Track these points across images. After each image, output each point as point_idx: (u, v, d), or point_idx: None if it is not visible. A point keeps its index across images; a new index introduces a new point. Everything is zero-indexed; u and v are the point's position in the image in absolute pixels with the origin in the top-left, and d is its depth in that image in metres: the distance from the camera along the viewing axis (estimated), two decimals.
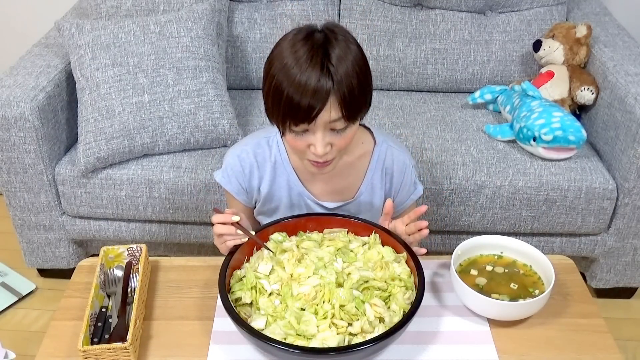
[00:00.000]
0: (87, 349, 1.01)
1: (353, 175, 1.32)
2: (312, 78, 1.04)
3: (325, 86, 1.04)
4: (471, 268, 1.18)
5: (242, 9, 2.15)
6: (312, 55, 1.05)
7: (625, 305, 2.05)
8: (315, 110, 1.05)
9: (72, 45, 1.81)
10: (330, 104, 1.06)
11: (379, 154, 1.31)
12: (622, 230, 1.86)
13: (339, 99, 1.06)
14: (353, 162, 1.30)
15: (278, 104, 1.08)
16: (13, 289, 2.06)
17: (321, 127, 1.09)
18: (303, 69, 1.04)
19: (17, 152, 1.78)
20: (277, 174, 1.31)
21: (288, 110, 1.07)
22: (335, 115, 1.07)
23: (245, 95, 2.15)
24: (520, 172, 1.78)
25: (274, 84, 1.07)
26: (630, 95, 1.76)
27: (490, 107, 2.07)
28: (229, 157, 1.32)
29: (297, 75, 1.04)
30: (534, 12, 2.16)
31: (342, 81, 1.05)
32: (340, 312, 1.02)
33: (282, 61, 1.07)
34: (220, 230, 1.14)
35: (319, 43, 1.07)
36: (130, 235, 1.94)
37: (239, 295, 1.08)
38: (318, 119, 1.06)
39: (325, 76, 1.04)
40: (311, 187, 1.32)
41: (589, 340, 1.10)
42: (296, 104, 1.05)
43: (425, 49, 2.13)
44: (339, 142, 1.13)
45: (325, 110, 1.06)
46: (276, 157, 1.30)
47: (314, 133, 1.10)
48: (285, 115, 1.08)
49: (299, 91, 1.04)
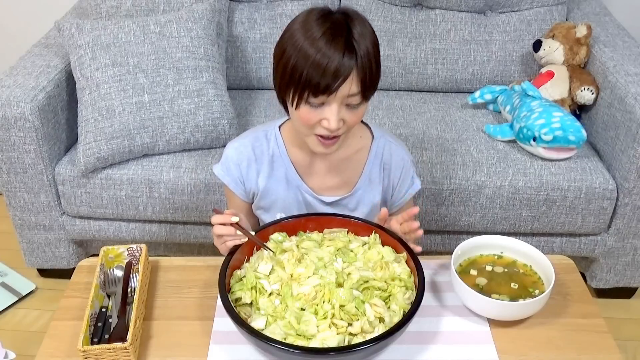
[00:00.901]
0: (87, 349, 1.01)
1: (351, 169, 1.32)
2: (338, 52, 1.07)
3: (349, 61, 1.08)
4: (471, 268, 1.18)
5: (242, 9, 2.15)
6: (337, 30, 1.09)
7: (625, 305, 2.05)
8: (337, 82, 1.08)
9: (72, 45, 1.81)
10: (352, 77, 1.09)
11: (377, 148, 1.32)
12: (622, 230, 1.86)
13: (360, 74, 1.10)
14: (351, 156, 1.31)
15: (299, 75, 1.09)
16: (13, 289, 2.06)
17: (338, 100, 1.11)
18: (329, 42, 1.07)
19: (17, 152, 1.78)
20: (274, 167, 1.31)
21: (310, 80, 1.09)
22: (354, 90, 1.11)
23: (245, 95, 2.15)
24: (520, 172, 1.78)
25: (294, 57, 1.09)
26: (630, 95, 1.76)
27: (490, 107, 2.07)
28: (228, 150, 1.34)
29: (323, 48, 1.07)
30: (534, 12, 2.16)
31: (363, 58, 1.09)
32: (340, 312, 1.02)
33: (305, 33, 1.09)
34: (220, 230, 1.15)
35: (341, 20, 1.11)
36: (130, 235, 1.94)
37: (239, 295, 1.08)
38: (339, 91, 1.09)
39: (349, 51, 1.08)
40: (309, 181, 1.32)
41: (589, 340, 1.10)
42: (320, 76, 1.08)
43: (425, 49, 2.14)
44: (351, 119, 1.15)
45: (347, 84, 1.09)
46: (274, 150, 1.31)
47: (330, 106, 1.12)
48: (306, 86, 1.10)
49: (324, 63, 1.07)
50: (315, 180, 1.32)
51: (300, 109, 1.13)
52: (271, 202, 1.35)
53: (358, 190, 1.33)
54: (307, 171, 1.32)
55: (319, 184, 1.32)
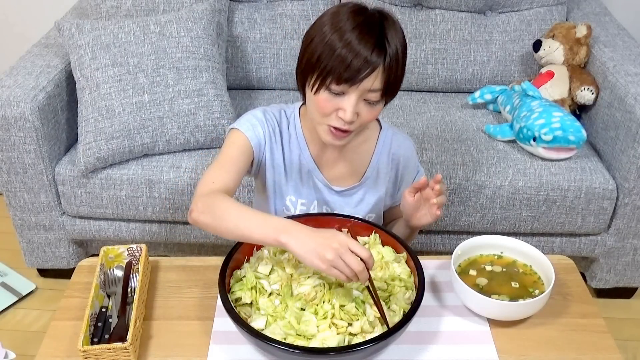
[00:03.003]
0: (87, 349, 1.01)
1: (359, 159, 1.33)
2: (369, 45, 1.08)
3: (378, 58, 1.09)
4: (471, 268, 1.18)
5: (242, 9, 2.15)
6: (371, 26, 1.10)
7: (625, 305, 2.05)
8: (363, 74, 1.09)
9: (72, 45, 1.81)
10: (377, 73, 1.10)
11: (385, 139, 1.34)
12: (622, 230, 1.86)
13: (386, 72, 1.11)
14: (359, 146, 1.32)
15: (327, 59, 1.10)
16: (13, 289, 2.06)
17: (359, 93, 1.12)
18: (362, 35, 1.09)
19: (17, 152, 1.78)
20: (291, 147, 1.31)
21: (336, 67, 1.09)
22: (377, 85, 1.11)
23: (245, 95, 2.15)
24: (520, 172, 1.78)
25: (323, 45, 1.10)
26: (630, 95, 1.76)
27: (490, 107, 2.07)
28: (256, 111, 1.29)
29: (354, 41, 1.08)
30: (534, 12, 2.17)
31: (392, 57, 1.10)
32: (340, 312, 1.02)
33: (338, 24, 1.11)
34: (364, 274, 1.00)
35: (376, 17, 1.12)
36: (130, 235, 1.94)
37: (239, 295, 1.08)
38: (362, 84, 1.10)
39: (380, 49, 1.09)
40: (321, 169, 1.33)
41: (589, 340, 1.10)
42: (346, 66, 1.08)
43: (425, 49, 2.14)
44: (365, 115, 1.16)
45: (371, 78, 1.10)
46: (292, 131, 1.31)
47: (349, 96, 1.12)
48: (331, 72, 1.10)
49: (354, 53, 1.08)
50: (325, 168, 1.33)
51: (320, 94, 1.13)
52: (285, 182, 1.33)
53: (367, 180, 1.34)
54: (319, 159, 1.32)
55: (329, 172, 1.33)
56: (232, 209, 1.10)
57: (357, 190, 1.34)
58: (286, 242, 1.01)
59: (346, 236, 1.00)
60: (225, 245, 1.93)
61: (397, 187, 1.38)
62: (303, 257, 0.99)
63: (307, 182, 1.33)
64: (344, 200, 1.34)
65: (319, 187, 1.33)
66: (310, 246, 0.99)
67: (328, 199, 1.34)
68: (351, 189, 1.34)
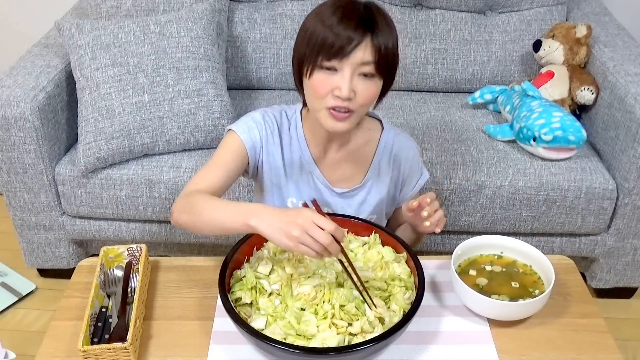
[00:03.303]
0: (87, 349, 1.01)
1: (360, 161, 1.33)
2: (355, 18, 1.10)
3: (365, 29, 1.10)
4: (471, 268, 1.18)
5: (242, 9, 2.15)
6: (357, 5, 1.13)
7: (625, 305, 2.05)
8: (351, 45, 1.09)
9: (72, 45, 1.81)
10: (365, 44, 1.10)
11: (387, 140, 1.33)
12: (622, 230, 1.86)
13: (375, 44, 1.11)
14: (360, 148, 1.32)
15: (316, 38, 1.11)
16: (13, 289, 2.06)
17: (351, 67, 1.11)
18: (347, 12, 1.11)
19: (17, 152, 1.78)
20: (292, 149, 1.31)
21: (324, 44, 1.10)
22: (368, 57, 1.11)
23: (245, 95, 2.15)
24: (520, 172, 1.78)
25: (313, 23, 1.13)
26: (630, 95, 1.76)
27: (490, 107, 2.07)
28: (254, 114, 1.30)
29: (341, 14, 1.10)
30: (534, 12, 2.17)
31: (380, 31, 1.11)
32: (340, 312, 1.02)
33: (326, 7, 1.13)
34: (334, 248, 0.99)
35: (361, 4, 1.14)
36: (130, 235, 1.94)
37: (239, 295, 1.08)
38: (351, 55, 1.10)
39: (366, 22, 1.10)
40: (322, 170, 1.33)
41: (589, 340, 1.10)
42: (334, 38, 1.09)
43: (425, 49, 2.14)
44: (363, 91, 1.14)
45: (360, 49, 1.10)
46: (293, 132, 1.31)
47: (342, 72, 1.12)
48: (321, 49, 1.11)
49: (341, 27, 1.09)
50: (327, 170, 1.33)
51: (314, 76, 1.14)
52: (285, 183, 1.33)
53: (368, 182, 1.34)
54: (320, 160, 1.32)
55: (330, 173, 1.33)
56: (207, 204, 1.13)
57: (358, 192, 1.34)
58: (255, 225, 1.02)
59: (311, 211, 1.00)
60: (225, 245, 1.93)
61: (399, 189, 1.38)
62: (272, 237, 1.00)
63: (309, 183, 1.33)
64: (346, 202, 1.34)
65: (320, 188, 1.33)
66: (277, 225, 0.99)
67: (329, 200, 1.34)
68: (352, 191, 1.34)
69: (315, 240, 0.97)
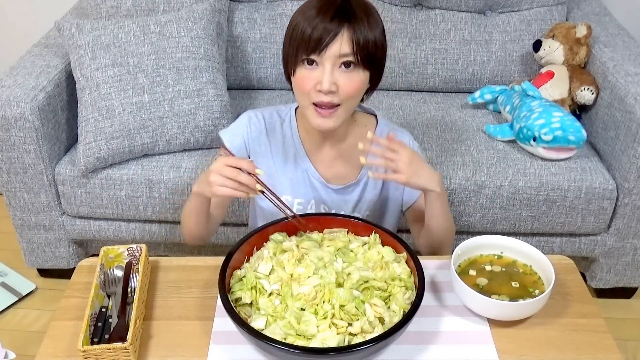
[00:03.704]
0: (87, 349, 1.01)
1: (356, 157, 1.32)
2: (330, 12, 1.11)
3: (340, 20, 1.11)
4: (471, 268, 1.18)
5: (242, 9, 2.15)
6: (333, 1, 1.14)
7: (625, 305, 2.05)
8: (327, 38, 1.11)
9: (72, 45, 1.81)
10: (343, 36, 1.12)
11: (381, 134, 1.34)
12: (622, 230, 1.86)
13: (351, 35, 1.12)
14: (355, 144, 1.31)
15: (295, 35, 1.14)
16: (13, 289, 2.06)
17: (330, 60, 1.13)
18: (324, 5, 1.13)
19: (17, 152, 1.78)
20: (286, 147, 1.32)
21: (302, 38, 1.12)
22: (346, 49, 1.12)
23: (245, 95, 2.15)
24: (520, 172, 1.78)
25: (296, 19, 1.16)
26: (630, 95, 1.76)
27: (490, 107, 2.07)
28: (241, 117, 1.35)
29: (317, 7, 1.13)
30: (534, 12, 2.17)
31: (357, 19, 1.13)
32: (340, 312, 1.02)
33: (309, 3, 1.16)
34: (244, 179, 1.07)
35: None
36: (130, 235, 1.94)
37: (239, 295, 1.08)
38: (328, 49, 1.12)
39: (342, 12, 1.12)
40: (317, 167, 1.33)
41: (589, 340, 1.10)
42: (310, 32, 1.11)
43: (425, 49, 2.14)
44: (345, 84, 1.15)
45: (337, 42, 1.11)
46: (286, 131, 1.33)
47: (322, 66, 1.14)
48: (300, 44, 1.13)
49: (316, 21, 1.11)
50: (322, 166, 1.33)
51: (297, 73, 1.16)
52: (279, 182, 1.34)
53: (363, 177, 1.34)
54: (315, 156, 1.33)
55: (325, 170, 1.34)
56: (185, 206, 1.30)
57: (354, 188, 1.34)
58: (195, 190, 1.20)
59: (223, 157, 1.10)
60: (225, 245, 1.93)
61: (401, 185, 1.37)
62: (202, 191, 1.16)
63: (304, 181, 1.33)
64: (342, 199, 1.34)
65: (316, 186, 1.33)
66: (202, 179, 1.15)
67: (325, 197, 1.34)
68: (348, 187, 1.34)
69: (227, 177, 1.07)
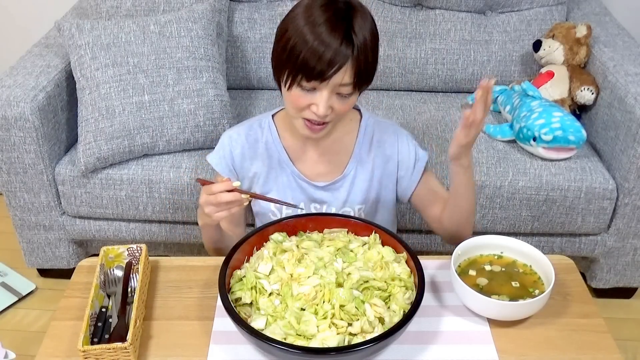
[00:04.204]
0: (87, 349, 1.01)
1: (341, 152, 1.34)
2: (336, 40, 1.09)
3: (346, 51, 1.10)
4: (471, 268, 1.18)
5: (242, 9, 2.15)
6: (338, 19, 1.11)
7: (625, 305, 2.05)
8: (331, 70, 1.10)
9: (72, 45, 1.81)
10: (346, 68, 1.11)
11: (365, 127, 1.35)
12: (622, 230, 1.86)
13: (355, 65, 1.12)
14: (341, 138, 1.33)
15: (295, 58, 1.11)
16: (13, 289, 2.06)
17: (330, 88, 1.13)
18: (329, 30, 1.10)
19: (17, 152, 1.78)
20: (269, 154, 1.34)
21: (305, 65, 1.11)
22: (347, 80, 1.13)
23: (245, 95, 2.15)
24: (520, 172, 1.78)
25: (294, 39, 1.12)
26: (630, 95, 1.76)
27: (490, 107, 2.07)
28: (223, 138, 1.37)
29: (322, 34, 1.09)
30: (534, 12, 2.16)
31: (360, 50, 1.11)
32: (340, 312, 1.02)
33: (307, 19, 1.11)
34: (228, 198, 1.11)
35: (344, 10, 1.12)
36: (130, 235, 1.94)
37: (239, 295, 1.08)
38: (331, 79, 1.11)
39: (347, 42, 1.10)
40: (301, 167, 1.34)
41: (589, 340, 1.10)
42: (315, 61, 1.10)
43: (425, 49, 2.13)
44: (340, 107, 1.17)
45: (340, 73, 1.11)
46: (267, 137, 1.34)
47: (321, 92, 1.14)
48: (300, 70, 1.12)
49: (321, 50, 1.09)
50: (307, 165, 1.34)
51: (292, 90, 1.16)
52: (268, 189, 1.36)
53: (350, 172, 1.34)
54: (299, 157, 1.34)
55: (311, 169, 1.34)
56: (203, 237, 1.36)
57: (342, 183, 1.34)
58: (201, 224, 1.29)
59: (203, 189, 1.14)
60: None
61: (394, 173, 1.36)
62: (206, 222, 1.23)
63: (290, 184, 1.34)
64: (332, 195, 1.34)
65: (303, 186, 1.34)
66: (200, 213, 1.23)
67: (315, 196, 1.34)
68: (335, 183, 1.34)
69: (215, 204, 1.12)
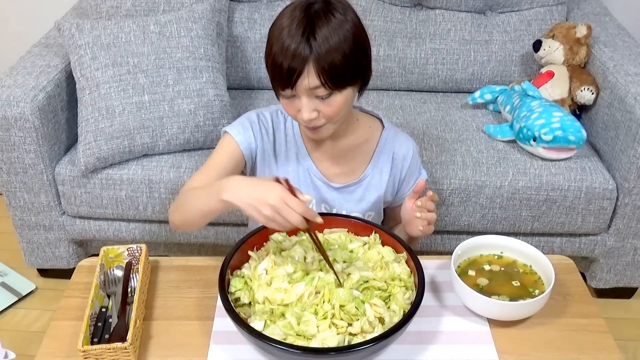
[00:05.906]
0: (87, 349, 1.01)
1: (359, 158, 1.34)
2: (293, 44, 1.09)
3: (303, 53, 1.08)
4: (471, 268, 1.18)
5: (242, 9, 2.15)
6: (300, 23, 1.09)
7: (625, 305, 2.05)
8: (294, 75, 1.09)
9: (72, 45, 1.81)
10: (307, 71, 1.09)
11: (387, 138, 1.35)
12: (622, 230, 1.86)
13: (317, 67, 1.09)
14: (360, 145, 1.33)
15: (269, 69, 1.14)
16: (13, 289, 2.06)
17: (304, 93, 1.13)
18: (290, 34, 1.09)
19: (17, 152, 1.78)
20: (288, 146, 1.33)
21: (274, 73, 1.13)
22: (314, 83, 1.11)
23: (245, 95, 2.15)
24: (520, 172, 1.78)
25: (267, 49, 1.14)
26: (630, 95, 1.76)
27: (490, 107, 2.07)
28: (248, 113, 1.34)
29: (283, 40, 1.09)
30: (534, 12, 2.16)
31: (322, 51, 1.09)
32: (340, 312, 1.02)
33: (277, 27, 1.12)
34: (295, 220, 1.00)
35: (311, 12, 1.10)
36: (130, 235, 1.94)
37: (238, 295, 1.08)
38: (298, 84, 1.11)
39: (304, 44, 1.08)
40: (318, 166, 1.34)
41: (589, 340, 1.10)
42: (278, 68, 1.11)
43: (425, 49, 2.13)
44: (326, 110, 1.16)
45: (304, 77, 1.10)
46: (289, 129, 1.33)
47: (300, 99, 1.14)
48: (273, 79, 1.14)
49: (281, 56, 1.10)
50: (323, 165, 1.34)
51: (280, 99, 1.18)
52: None
53: (366, 178, 1.34)
54: (316, 156, 1.33)
55: (327, 170, 1.34)
56: (188, 195, 1.18)
57: (356, 188, 1.35)
58: (228, 199, 1.05)
59: (283, 190, 1.01)
60: (225, 245, 1.93)
61: (396, 188, 1.38)
62: (244, 210, 1.04)
63: (305, 180, 1.33)
64: (344, 198, 1.34)
65: (317, 184, 1.33)
66: (248, 201, 1.03)
67: (327, 196, 1.34)
68: (350, 186, 1.34)
69: (286, 219, 1.00)
